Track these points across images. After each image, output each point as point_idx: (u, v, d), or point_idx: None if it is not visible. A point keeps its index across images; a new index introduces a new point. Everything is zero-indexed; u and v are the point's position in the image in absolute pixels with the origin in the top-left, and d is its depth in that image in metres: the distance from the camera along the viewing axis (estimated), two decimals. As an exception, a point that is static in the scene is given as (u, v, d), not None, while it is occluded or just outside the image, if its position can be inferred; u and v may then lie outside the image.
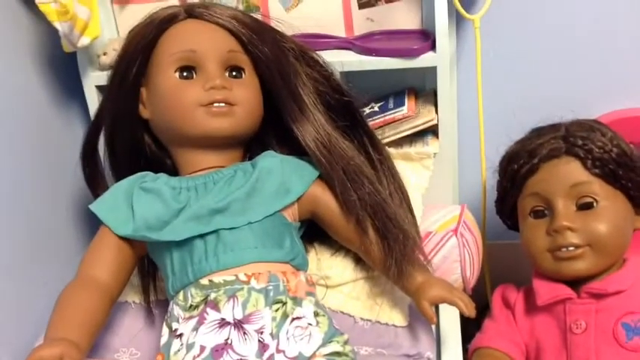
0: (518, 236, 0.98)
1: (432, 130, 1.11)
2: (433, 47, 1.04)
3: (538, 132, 0.97)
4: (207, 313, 0.79)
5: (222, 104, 0.86)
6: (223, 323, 0.79)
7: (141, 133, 0.94)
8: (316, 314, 0.82)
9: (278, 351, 0.78)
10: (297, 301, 0.82)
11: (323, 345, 0.80)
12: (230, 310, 0.79)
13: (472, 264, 1.05)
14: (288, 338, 0.79)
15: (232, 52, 0.89)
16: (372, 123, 1.06)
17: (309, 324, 0.81)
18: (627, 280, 0.90)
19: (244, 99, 0.88)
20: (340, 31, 1.12)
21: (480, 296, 1.10)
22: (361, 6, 1.11)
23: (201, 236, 0.83)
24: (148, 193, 0.86)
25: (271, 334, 0.78)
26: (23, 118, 1.04)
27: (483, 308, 1.05)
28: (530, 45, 1.17)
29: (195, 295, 0.81)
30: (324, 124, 0.91)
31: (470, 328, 1.01)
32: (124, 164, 0.95)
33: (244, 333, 0.78)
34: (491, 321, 0.99)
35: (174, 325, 0.82)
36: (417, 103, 1.12)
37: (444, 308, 1.00)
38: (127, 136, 0.93)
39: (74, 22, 0.98)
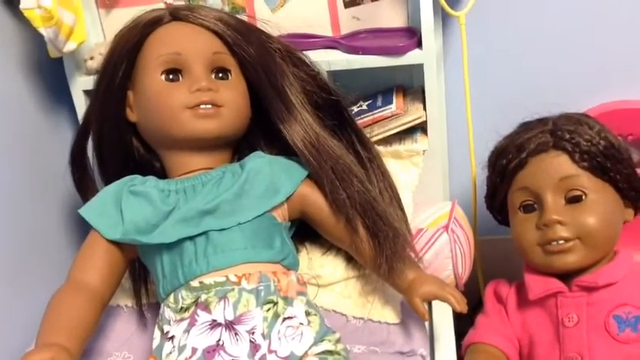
0: (509, 231, 0.98)
1: (421, 128, 1.11)
2: (419, 45, 1.05)
3: (526, 126, 0.97)
4: (198, 315, 0.79)
5: (209, 106, 0.86)
6: (214, 324, 0.78)
7: (129, 136, 0.94)
8: (307, 313, 0.82)
9: (270, 351, 0.78)
10: (288, 301, 0.82)
11: (315, 344, 0.80)
12: (221, 311, 0.79)
13: (464, 260, 1.05)
14: (279, 338, 0.79)
15: (218, 53, 0.89)
16: (360, 121, 1.06)
17: (301, 323, 0.81)
18: (618, 273, 0.90)
19: (231, 100, 0.88)
20: (326, 31, 1.12)
21: (473, 292, 1.10)
22: (347, 5, 1.11)
23: (191, 238, 0.83)
24: (136, 197, 0.86)
25: (263, 334, 0.78)
26: (11, 124, 1.03)
27: (476, 304, 1.05)
28: (516, 40, 1.17)
29: (185, 297, 0.81)
30: (312, 123, 0.91)
31: (463, 324, 1.02)
32: (113, 168, 0.94)
33: (236, 334, 0.78)
34: (483, 316, 0.99)
35: (166, 328, 0.82)
36: (405, 100, 1.13)
37: (436, 305, 1.00)
38: (114, 140, 0.93)
39: (59, 28, 0.98)
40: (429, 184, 1.11)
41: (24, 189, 1.04)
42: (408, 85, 1.17)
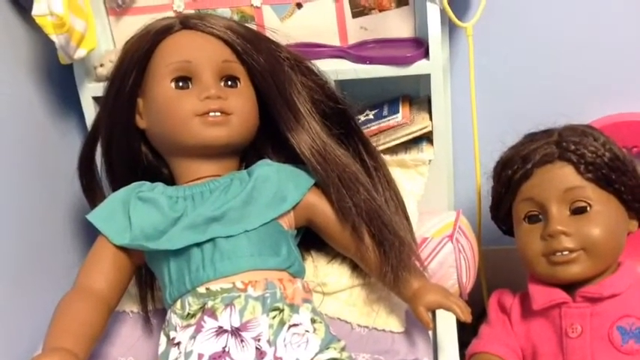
0: (514, 241, 0.98)
1: (427, 137, 1.11)
2: (426, 55, 1.05)
3: (531, 137, 0.97)
4: (205, 322, 0.80)
5: (218, 113, 0.87)
6: (221, 331, 0.79)
7: (137, 143, 0.94)
8: (313, 321, 0.83)
9: (275, 358, 0.78)
10: (294, 308, 0.82)
11: (320, 351, 0.80)
12: (227, 318, 0.79)
13: (468, 269, 1.06)
14: (285, 345, 0.79)
15: (227, 61, 0.90)
16: (366, 130, 1.06)
17: (306, 331, 0.81)
18: (622, 284, 0.91)
19: (239, 108, 0.89)
20: (334, 40, 1.13)
21: (477, 302, 1.10)
22: (355, 15, 1.12)
23: (198, 245, 0.84)
24: (144, 203, 0.87)
25: (268, 341, 0.79)
26: (21, 129, 1.04)
27: (480, 314, 1.05)
28: (522, 51, 1.18)
29: (192, 304, 0.82)
30: (320, 132, 0.92)
31: (467, 333, 1.02)
32: (121, 174, 0.95)
33: (242, 340, 0.78)
34: (487, 326, 0.99)
35: (172, 334, 0.82)
36: (412, 110, 1.13)
37: (440, 314, 1.01)
38: (123, 147, 0.94)
39: (70, 35, 0.99)
40: (434, 193, 1.12)
41: (32, 194, 1.05)
42: (415, 94, 1.18)
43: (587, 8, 1.14)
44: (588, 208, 0.91)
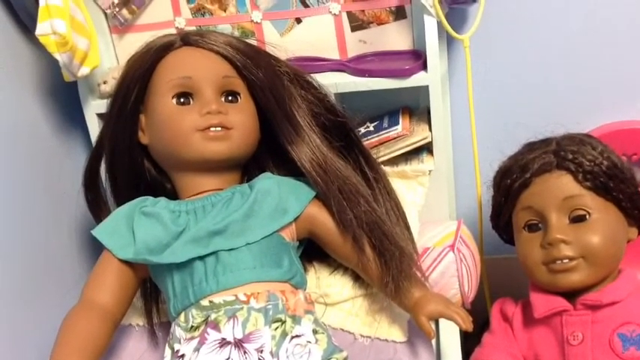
0: (515, 250, 0.99)
1: (427, 148, 1.12)
2: (425, 67, 1.06)
3: (530, 147, 0.98)
4: (208, 334, 0.80)
5: (219, 128, 0.88)
6: (224, 343, 0.80)
7: (140, 158, 0.96)
8: (315, 332, 0.83)
9: (278, 369, 0.79)
10: (296, 320, 0.83)
11: (322, 362, 0.81)
12: (230, 330, 0.80)
13: (470, 279, 1.06)
14: (287, 356, 0.80)
15: (227, 77, 0.91)
16: (367, 142, 1.07)
17: (308, 342, 0.82)
18: (622, 291, 0.91)
19: (240, 123, 0.90)
20: (334, 54, 1.14)
21: (480, 311, 1.11)
22: (354, 29, 1.13)
23: (201, 258, 0.85)
24: (148, 217, 0.88)
25: (271, 352, 0.79)
26: (26, 147, 1.06)
27: (484, 323, 1.06)
28: (519, 62, 1.19)
29: (196, 316, 0.83)
30: (320, 144, 0.93)
31: (471, 342, 1.02)
32: (125, 189, 0.96)
33: (245, 352, 0.79)
34: (490, 335, 1.00)
35: (176, 346, 0.83)
36: (412, 121, 1.14)
37: (443, 323, 1.01)
38: (127, 162, 0.95)
39: (74, 53, 1.01)
40: (435, 203, 1.12)
41: (38, 210, 1.06)
42: (414, 106, 1.19)
43: (584, 18, 1.15)
44: (587, 217, 0.91)
